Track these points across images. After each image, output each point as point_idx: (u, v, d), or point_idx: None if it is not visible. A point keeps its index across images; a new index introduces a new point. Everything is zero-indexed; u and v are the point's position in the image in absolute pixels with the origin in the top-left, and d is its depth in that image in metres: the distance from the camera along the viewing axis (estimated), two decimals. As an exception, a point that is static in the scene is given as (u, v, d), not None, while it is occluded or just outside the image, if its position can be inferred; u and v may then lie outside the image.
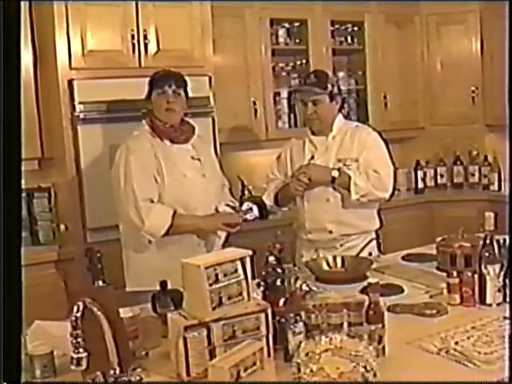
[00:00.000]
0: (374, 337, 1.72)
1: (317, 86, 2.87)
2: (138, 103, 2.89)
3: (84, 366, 1.51)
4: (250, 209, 2.77)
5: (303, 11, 4.33)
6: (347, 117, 3.08)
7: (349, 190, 2.80)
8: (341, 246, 2.89)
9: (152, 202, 2.55)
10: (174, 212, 2.55)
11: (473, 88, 4.80)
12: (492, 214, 2.19)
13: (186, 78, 2.70)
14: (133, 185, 2.53)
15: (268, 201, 3.05)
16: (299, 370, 1.55)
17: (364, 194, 2.80)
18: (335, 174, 2.82)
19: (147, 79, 2.70)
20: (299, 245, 3.05)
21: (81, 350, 1.49)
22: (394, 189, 2.96)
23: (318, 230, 2.92)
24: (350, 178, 2.80)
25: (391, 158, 2.97)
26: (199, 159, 2.72)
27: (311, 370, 1.52)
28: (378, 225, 3.02)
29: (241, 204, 2.84)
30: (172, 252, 2.52)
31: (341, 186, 2.83)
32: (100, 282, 1.90)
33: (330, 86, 2.89)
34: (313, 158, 2.92)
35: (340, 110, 2.99)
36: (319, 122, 2.92)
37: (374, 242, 2.96)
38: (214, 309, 1.69)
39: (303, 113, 2.98)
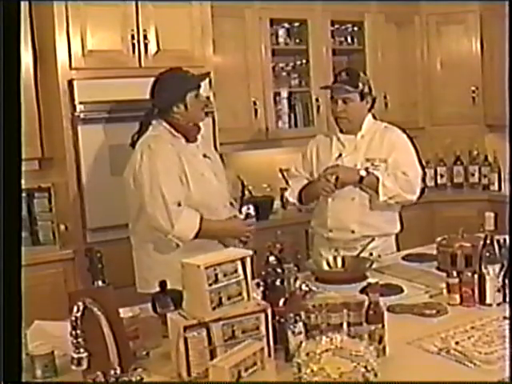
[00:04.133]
0: (374, 337, 1.72)
1: (348, 84, 2.84)
2: (138, 103, 2.89)
3: (85, 366, 1.51)
4: (247, 215, 2.73)
5: (303, 11, 4.33)
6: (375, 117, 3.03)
7: (377, 192, 2.76)
8: (361, 246, 2.79)
9: (179, 204, 2.50)
10: (201, 217, 2.52)
11: (473, 88, 4.81)
12: (492, 214, 2.19)
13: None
14: (161, 188, 2.47)
15: (291, 198, 3.04)
16: (300, 370, 1.55)
17: (392, 195, 2.77)
18: (363, 173, 2.78)
19: (152, 79, 2.65)
20: (317, 243, 3.02)
21: (81, 349, 1.49)
22: (422, 192, 2.90)
23: (340, 228, 2.88)
24: (378, 179, 2.76)
25: (420, 160, 2.95)
26: (209, 158, 2.72)
27: (312, 370, 1.52)
28: (398, 228, 3.00)
29: (240, 206, 2.81)
30: (195, 254, 2.45)
31: (369, 186, 2.79)
32: (100, 282, 1.91)
33: (361, 85, 2.85)
34: (340, 156, 2.88)
35: (370, 110, 2.95)
36: (348, 121, 2.88)
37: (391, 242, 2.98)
38: (213, 309, 1.68)
39: (332, 110, 2.93)
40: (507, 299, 2.09)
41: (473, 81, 4.81)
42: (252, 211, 2.71)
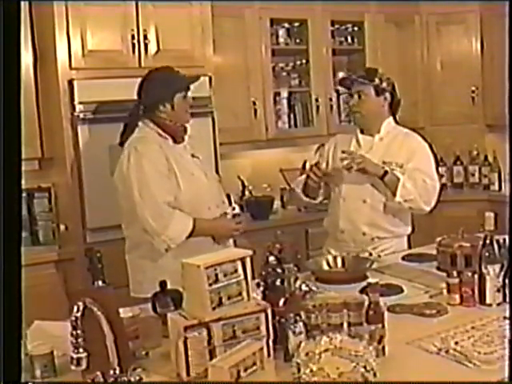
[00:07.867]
0: (374, 337, 1.72)
1: (363, 78, 2.84)
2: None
3: (84, 366, 1.51)
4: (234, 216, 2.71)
5: (303, 11, 4.33)
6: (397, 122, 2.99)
7: (394, 192, 2.71)
8: (373, 249, 2.82)
9: (170, 205, 2.47)
10: (194, 219, 2.49)
11: (473, 88, 4.81)
12: (492, 214, 2.19)
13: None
14: (150, 189, 2.45)
15: (296, 187, 3.03)
16: (299, 370, 1.55)
17: (409, 198, 2.71)
18: (387, 169, 2.73)
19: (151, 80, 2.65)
20: (328, 244, 3.00)
21: (81, 349, 1.49)
22: (436, 204, 2.85)
23: (351, 230, 2.87)
24: (398, 179, 2.71)
25: (438, 172, 2.89)
26: (198, 157, 2.71)
27: (311, 370, 1.52)
28: (410, 230, 2.98)
29: (241, 207, 2.80)
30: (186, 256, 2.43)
31: (388, 184, 2.73)
32: (100, 282, 1.90)
33: (377, 80, 2.83)
34: None
35: (392, 114, 2.92)
36: (361, 116, 2.86)
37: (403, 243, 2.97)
38: (213, 309, 1.68)
39: (348, 105, 2.91)
40: (507, 299, 2.09)
41: (473, 81, 4.81)
42: (238, 210, 2.69)
